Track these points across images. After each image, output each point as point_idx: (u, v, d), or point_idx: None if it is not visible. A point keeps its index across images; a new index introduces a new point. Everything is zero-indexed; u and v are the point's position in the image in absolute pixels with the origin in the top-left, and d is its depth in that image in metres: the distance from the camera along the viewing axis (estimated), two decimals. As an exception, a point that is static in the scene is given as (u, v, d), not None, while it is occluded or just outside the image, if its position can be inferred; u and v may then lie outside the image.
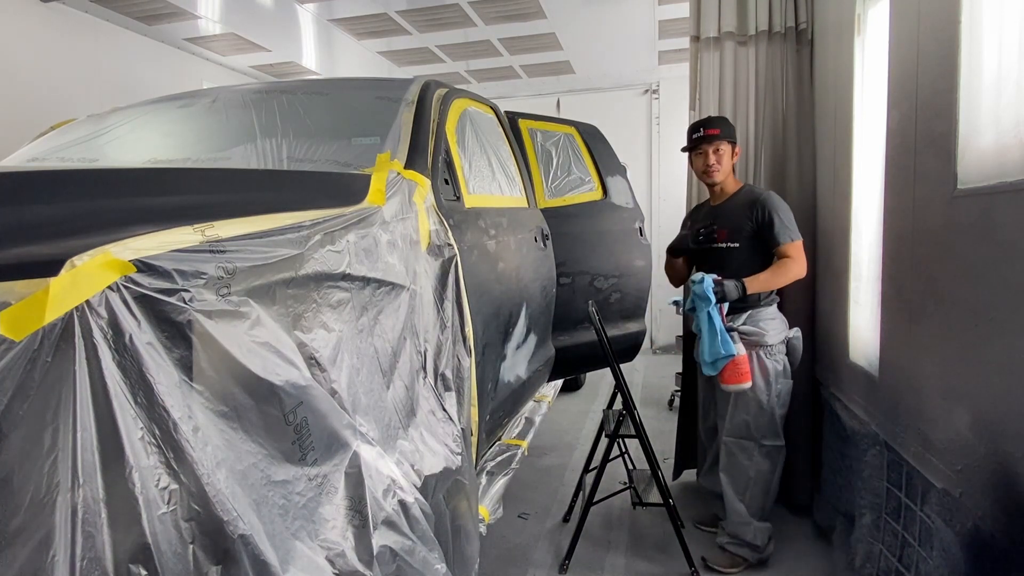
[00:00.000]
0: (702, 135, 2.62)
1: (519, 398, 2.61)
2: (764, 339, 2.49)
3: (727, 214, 2.62)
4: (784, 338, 2.55)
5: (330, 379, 1.18)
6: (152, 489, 0.82)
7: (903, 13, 2.02)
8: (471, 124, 2.59)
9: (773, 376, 2.51)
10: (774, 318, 2.56)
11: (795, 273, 2.47)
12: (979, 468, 1.57)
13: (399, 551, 1.24)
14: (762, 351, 2.51)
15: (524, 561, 2.61)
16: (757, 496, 2.52)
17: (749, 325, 2.52)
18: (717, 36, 3.03)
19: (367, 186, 1.58)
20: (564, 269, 3.09)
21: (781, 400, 2.53)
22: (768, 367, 2.51)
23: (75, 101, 3.91)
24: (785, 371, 2.55)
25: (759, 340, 2.49)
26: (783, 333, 2.55)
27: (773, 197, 2.54)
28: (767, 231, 2.48)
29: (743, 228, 2.54)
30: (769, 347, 2.50)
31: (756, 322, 2.52)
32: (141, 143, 2.26)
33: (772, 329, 2.52)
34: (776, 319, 2.57)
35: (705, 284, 2.41)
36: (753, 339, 2.49)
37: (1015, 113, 1.50)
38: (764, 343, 2.50)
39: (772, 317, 2.56)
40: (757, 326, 2.51)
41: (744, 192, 2.65)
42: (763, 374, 2.50)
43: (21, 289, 0.76)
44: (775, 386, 2.51)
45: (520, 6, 4.66)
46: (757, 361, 2.50)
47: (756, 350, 2.50)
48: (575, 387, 5.09)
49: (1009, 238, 1.45)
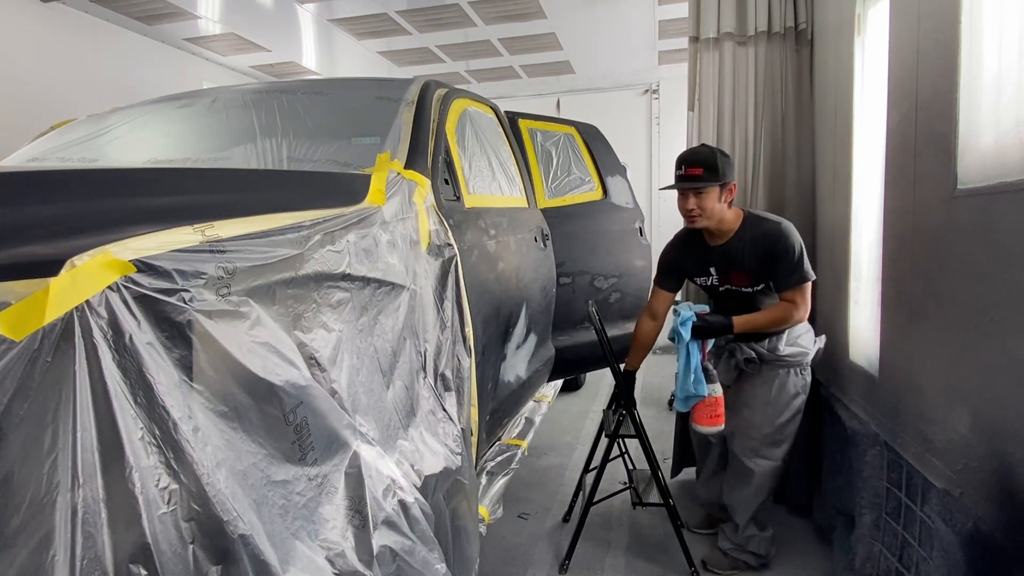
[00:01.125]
0: (683, 174, 2.27)
1: (519, 398, 2.61)
2: (807, 358, 2.35)
3: (738, 255, 2.32)
4: (817, 350, 2.40)
5: (330, 379, 1.18)
6: (152, 489, 0.82)
7: (903, 13, 2.02)
8: (471, 124, 2.59)
9: (802, 392, 2.37)
10: (808, 331, 2.39)
11: (794, 318, 2.27)
12: (979, 468, 1.57)
13: (399, 551, 1.24)
14: (797, 369, 2.36)
15: (524, 561, 2.61)
16: (765, 511, 2.48)
17: (791, 346, 2.33)
18: (716, 36, 3.03)
19: (367, 186, 1.58)
20: (564, 269, 3.08)
21: (800, 415, 2.41)
22: (801, 384, 2.36)
23: (75, 101, 3.91)
24: (806, 386, 2.41)
25: (803, 360, 2.35)
26: (818, 343, 2.41)
27: (786, 238, 2.24)
28: (775, 273, 2.27)
29: (760, 271, 2.30)
30: (804, 364, 2.37)
31: (795, 341, 2.34)
32: (141, 143, 2.26)
33: (809, 344, 2.37)
34: (809, 331, 2.40)
35: (682, 317, 2.30)
36: (798, 359, 2.34)
37: (1015, 113, 1.49)
38: (805, 362, 2.36)
39: (806, 330, 2.38)
40: (798, 345, 2.34)
41: (750, 226, 2.32)
42: (795, 392, 2.35)
43: (21, 289, 0.76)
44: (796, 402, 2.37)
45: (520, 6, 4.66)
46: (791, 380, 2.35)
47: (790, 369, 2.35)
48: (575, 387, 5.09)
49: (1009, 238, 1.45)
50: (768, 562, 2.52)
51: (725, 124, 3.03)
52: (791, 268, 2.23)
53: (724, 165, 2.27)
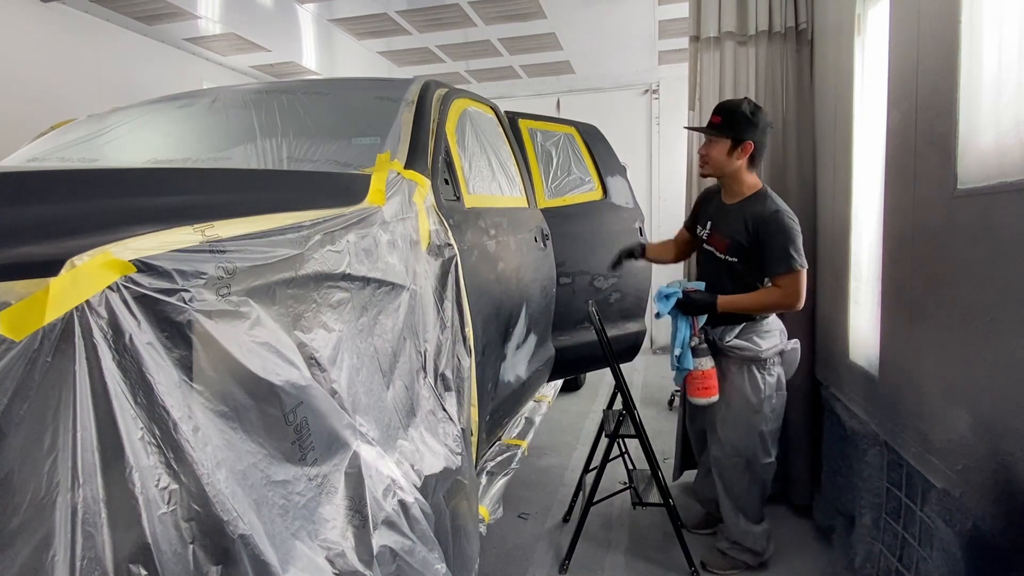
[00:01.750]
0: (709, 121, 2.35)
1: (519, 398, 2.61)
2: (758, 354, 2.34)
3: (730, 221, 2.38)
4: (780, 350, 2.40)
5: (330, 379, 1.18)
6: (152, 489, 0.82)
7: (903, 13, 2.02)
8: (471, 124, 2.59)
9: (766, 391, 2.36)
10: (770, 331, 2.39)
11: (781, 304, 2.27)
12: (979, 468, 1.57)
13: (399, 551, 1.24)
14: (755, 366, 2.36)
15: (524, 561, 2.61)
16: (754, 505, 2.46)
17: (742, 339, 2.36)
18: (717, 36, 3.03)
19: (367, 186, 1.58)
20: (564, 269, 3.08)
21: (775, 415, 2.40)
22: (760, 383, 2.36)
23: (75, 101, 3.91)
24: (780, 384, 2.41)
25: (753, 355, 2.35)
26: (779, 345, 2.40)
27: (776, 221, 2.25)
28: (761, 257, 2.28)
29: (740, 243, 2.33)
30: (762, 361, 2.36)
31: (750, 336, 2.36)
32: (141, 143, 2.26)
33: (767, 343, 2.36)
34: (773, 331, 2.40)
35: (661, 292, 2.34)
36: (747, 354, 2.35)
37: (1015, 113, 1.49)
38: (758, 358, 2.35)
39: (768, 330, 2.39)
40: (751, 340, 2.35)
41: (756, 201, 2.34)
42: (754, 390, 2.36)
43: (21, 289, 0.76)
44: (768, 402, 2.37)
45: (520, 6, 4.66)
46: (748, 376, 2.37)
47: (749, 365, 2.37)
48: (575, 387, 5.09)
49: (1009, 238, 1.45)
50: (767, 560, 2.51)
51: (725, 124, 3.02)
52: (776, 254, 2.23)
53: (744, 122, 2.26)
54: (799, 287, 2.25)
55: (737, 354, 2.37)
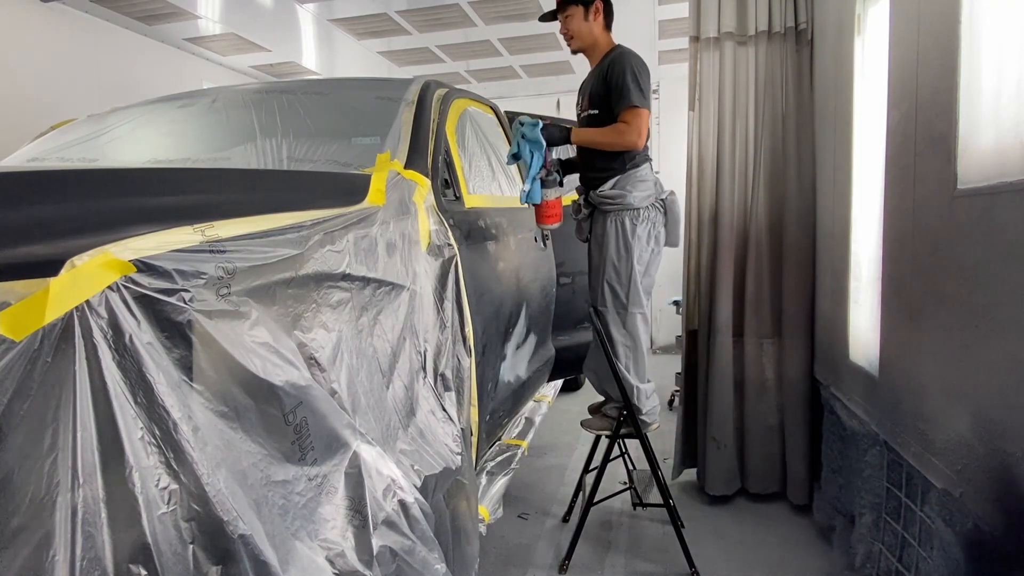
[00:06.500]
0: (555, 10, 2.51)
1: (519, 398, 2.61)
2: (628, 201, 2.41)
3: (591, 79, 2.52)
4: (654, 200, 2.46)
5: (330, 379, 1.18)
6: (152, 489, 0.82)
7: (903, 13, 2.02)
8: (471, 124, 2.59)
9: (638, 241, 2.43)
10: (644, 180, 2.46)
11: (625, 139, 2.36)
12: (979, 468, 1.57)
13: (399, 551, 1.24)
14: (627, 215, 2.42)
15: (524, 561, 2.61)
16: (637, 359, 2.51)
17: (616, 189, 2.43)
18: (717, 36, 3.03)
19: (367, 186, 1.58)
20: (564, 269, 3.09)
21: (646, 269, 2.47)
22: (629, 231, 2.42)
23: (75, 101, 3.91)
24: (657, 238, 2.48)
25: (623, 204, 2.41)
26: (652, 195, 2.46)
27: (622, 61, 2.39)
28: (611, 99, 2.38)
29: (599, 93, 2.44)
30: (636, 211, 2.42)
31: (623, 185, 2.43)
32: (141, 143, 2.26)
33: (639, 191, 2.43)
34: (646, 181, 2.46)
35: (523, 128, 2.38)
36: (618, 203, 2.42)
37: (1015, 113, 1.49)
38: (630, 206, 2.41)
39: (642, 179, 2.45)
40: (623, 189, 2.42)
41: (611, 53, 2.49)
42: (623, 239, 2.42)
43: (21, 289, 0.76)
44: (638, 252, 2.43)
45: (520, 6, 4.66)
46: (618, 226, 2.43)
47: (622, 215, 2.43)
48: (575, 387, 5.08)
49: (1009, 238, 1.45)
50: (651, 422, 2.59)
51: (725, 124, 3.03)
52: (620, 91, 2.35)
53: None
54: (640, 123, 2.35)
55: (610, 204, 2.44)
